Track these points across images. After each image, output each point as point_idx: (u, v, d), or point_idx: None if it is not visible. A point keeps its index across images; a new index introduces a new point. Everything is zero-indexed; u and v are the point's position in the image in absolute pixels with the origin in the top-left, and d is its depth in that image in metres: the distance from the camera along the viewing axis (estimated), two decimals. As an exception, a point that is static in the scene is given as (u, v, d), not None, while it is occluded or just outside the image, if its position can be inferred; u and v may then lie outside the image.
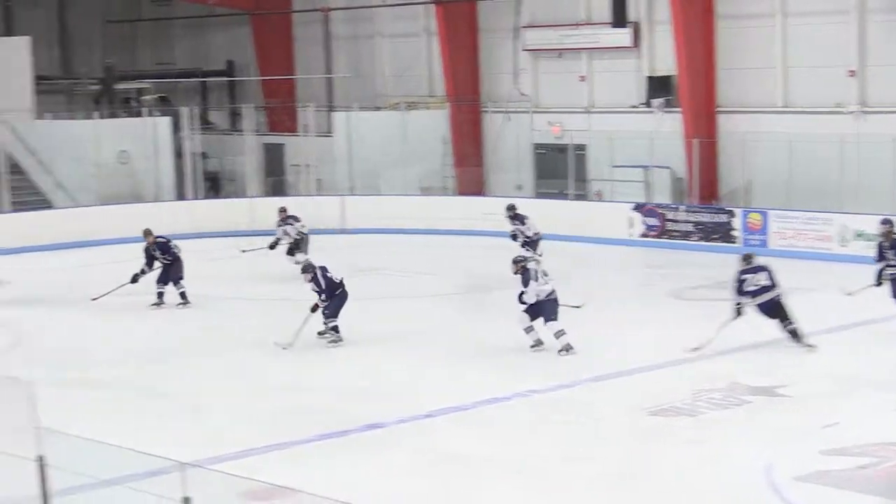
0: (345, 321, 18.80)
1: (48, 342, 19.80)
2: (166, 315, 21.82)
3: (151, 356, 18.44)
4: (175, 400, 16.01)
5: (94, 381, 16.94)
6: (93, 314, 21.88)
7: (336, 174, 34.14)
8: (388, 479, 12.32)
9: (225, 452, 12.91)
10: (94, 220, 31.07)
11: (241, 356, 18.20)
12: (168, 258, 22.45)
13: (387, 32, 36.74)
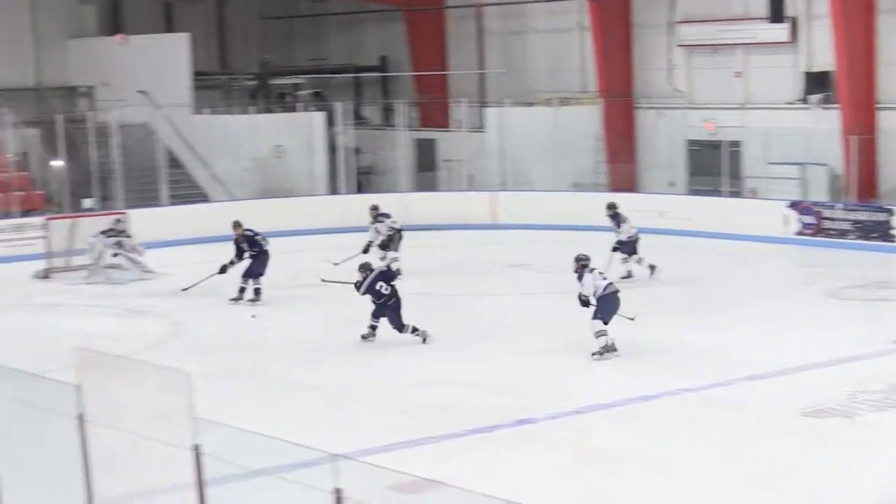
0: (492, 314, 18.78)
1: (204, 333, 20.18)
2: (316, 308, 22.06)
3: (303, 348, 18.66)
4: (324, 392, 16.18)
5: (247, 373, 17.21)
6: (242, 306, 22.21)
7: (487, 170, 34.15)
8: (536, 475, 12.28)
9: (373, 445, 13.00)
10: (249, 213, 31.52)
11: (390, 350, 18.31)
12: (254, 251, 22.67)
13: (540, 28, 36.64)
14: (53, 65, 37.36)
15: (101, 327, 20.65)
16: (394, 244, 24.99)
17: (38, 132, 33.95)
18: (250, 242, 22.83)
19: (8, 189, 31.07)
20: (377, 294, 18.56)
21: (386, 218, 25.26)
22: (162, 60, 35.74)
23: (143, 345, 18.47)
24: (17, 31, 36.74)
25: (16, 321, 21.68)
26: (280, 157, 34.30)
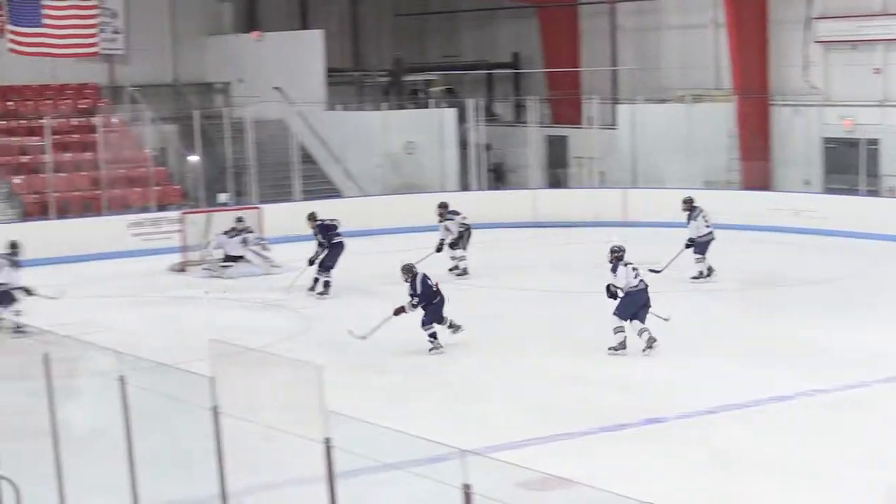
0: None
1: (335, 327, 20.34)
2: (450, 303, 22.11)
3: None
4: (455, 388, 16.23)
5: (378, 367, 17.33)
6: (378, 301, 22.36)
7: (618, 167, 33.95)
8: (665, 474, 12.19)
9: (503, 441, 13.01)
10: (381, 209, 31.81)
11: (520, 346, 18.30)
12: (327, 242, 23.00)
13: (673, 24, 36.31)
14: (191, 62, 38.04)
15: (235, 320, 20.96)
16: (463, 242, 24.92)
17: (175, 128, 34.58)
18: (324, 233, 23.05)
19: (146, 184, 31.71)
20: (429, 294, 18.26)
21: (455, 215, 25.15)
22: (296, 57, 36.16)
23: (275, 338, 18.70)
24: (156, 29, 37.46)
25: (152, 314, 22.10)
26: (412, 154, 34.47)
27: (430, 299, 18.32)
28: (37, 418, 10.55)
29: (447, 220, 25.11)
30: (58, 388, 10.27)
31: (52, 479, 10.11)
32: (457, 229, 24.93)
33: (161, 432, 11.15)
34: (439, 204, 25.53)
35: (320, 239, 23.21)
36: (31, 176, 31.22)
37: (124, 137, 33.11)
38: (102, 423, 11.27)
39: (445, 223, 25.09)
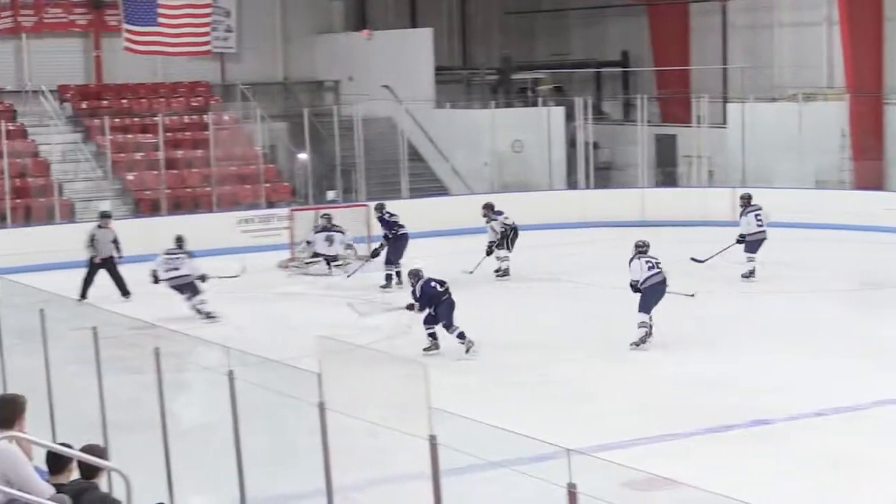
0: (733, 313, 18.46)
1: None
2: (555, 301, 22.09)
3: (540, 342, 18.70)
4: (563, 386, 16.19)
5: (484, 365, 17.35)
6: (486, 297, 22.40)
7: (728, 166, 33.61)
8: (772, 476, 12.05)
9: (609, 441, 12.95)
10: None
11: (626, 346, 18.19)
12: (389, 235, 23.36)
13: (786, 22, 35.83)
14: (301, 60, 38.38)
15: (341, 317, 21.09)
16: (507, 242, 24.71)
17: (285, 126, 34.92)
18: (387, 227, 23.29)
19: (256, 181, 32.06)
20: (432, 296, 18.17)
21: (499, 216, 24.95)
22: (405, 55, 36.32)
23: (382, 335, 18.79)
24: (267, 27, 37.87)
25: (260, 310, 22.33)
26: (519, 152, 34.45)
27: (433, 302, 18.22)
28: (147, 411, 10.71)
29: (492, 221, 24.96)
30: (167, 381, 10.42)
31: (162, 472, 10.26)
32: (500, 230, 24.76)
33: (268, 427, 11.26)
34: (484, 205, 25.41)
35: (385, 232, 23.36)
36: (143, 173, 31.73)
37: (235, 135, 33.51)
38: (211, 418, 11.41)
39: (491, 224, 24.95)
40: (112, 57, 35.08)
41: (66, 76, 34.80)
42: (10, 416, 8.41)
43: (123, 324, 14.67)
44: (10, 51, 34.42)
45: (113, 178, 31.31)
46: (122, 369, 12.85)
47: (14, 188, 29.39)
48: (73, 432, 10.68)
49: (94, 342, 11.32)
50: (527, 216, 30.20)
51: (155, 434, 10.44)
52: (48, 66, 34.51)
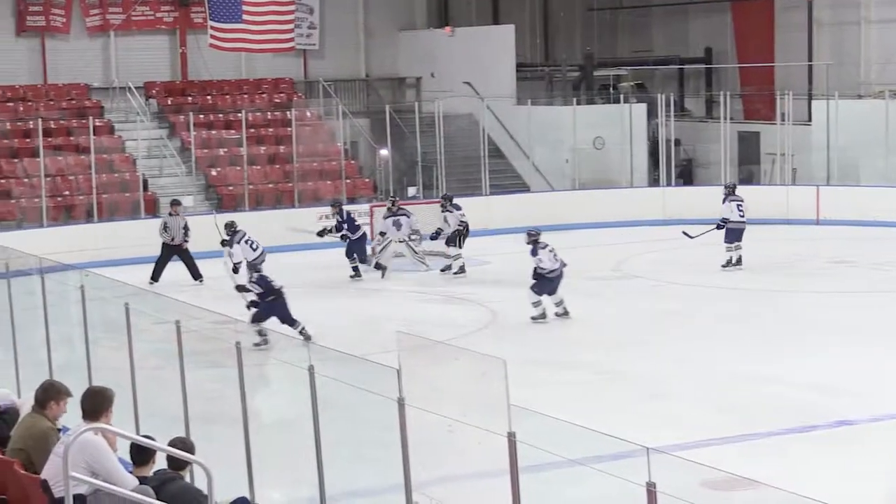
0: (814, 312, 18.27)
1: (520, 322, 20.39)
2: (634, 299, 22.00)
3: (617, 339, 18.64)
4: (640, 384, 16.12)
5: (561, 362, 17.32)
6: (564, 296, 22.34)
7: (812, 164, 33.23)
8: (855, 478, 11.91)
9: (689, 440, 12.87)
10: (568, 204, 31.74)
11: (707, 344, 18.09)
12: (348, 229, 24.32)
13: (873, 18, 35.36)
14: (383, 56, 38.52)
15: (421, 313, 21.17)
16: (460, 240, 24.93)
17: (366, 122, 35.08)
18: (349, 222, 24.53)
19: (337, 177, 32.22)
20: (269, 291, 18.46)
21: (457, 210, 25.23)
22: (487, 52, 36.32)
23: (460, 331, 18.82)
24: (349, 24, 38.04)
25: (341, 305, 22.46)
26: (600, 149, 34.32)
27: (269, 296, 18.50)
28: (228, 405, 10.80)
29: (447, 213, 25.31)
30: (249, 376, 10.50)
31: (242, 466, 10.34)
32: (455, 225, 25.06)
33: (347, 422, 11.32)
34: (444, 195, 26.56)
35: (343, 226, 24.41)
36: (226, 168, 32.02)
37: (317, 131, 33.71)
38: (291, 412, 11.49)
39: (446, 215, 25.30)
40: (197, 54, 35.43)
41: (152, 73, 35.21)
42: (97, 409, 8.54)
43: (206, 318, 14.81)
44: (98, 48, 34.88)
45: (196, 173, 31.66)
46: (204, 363, 12.98)
47: (101, 183, 29.79)
48: (156, 425, 10.82)
49: (177, 336, 11.44)
50: (607, 213, 30.18)
51: (236, 428, 10.53)
52: (135, 63, 34.94)
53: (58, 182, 29.97)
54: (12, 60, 33.88)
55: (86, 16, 34.43)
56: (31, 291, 15.94)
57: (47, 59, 34.25)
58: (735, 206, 24.66)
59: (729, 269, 24.23)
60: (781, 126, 33.99)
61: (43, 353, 14.49)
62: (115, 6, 34.70)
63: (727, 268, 24.24)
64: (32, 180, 29.49)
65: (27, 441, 9.03)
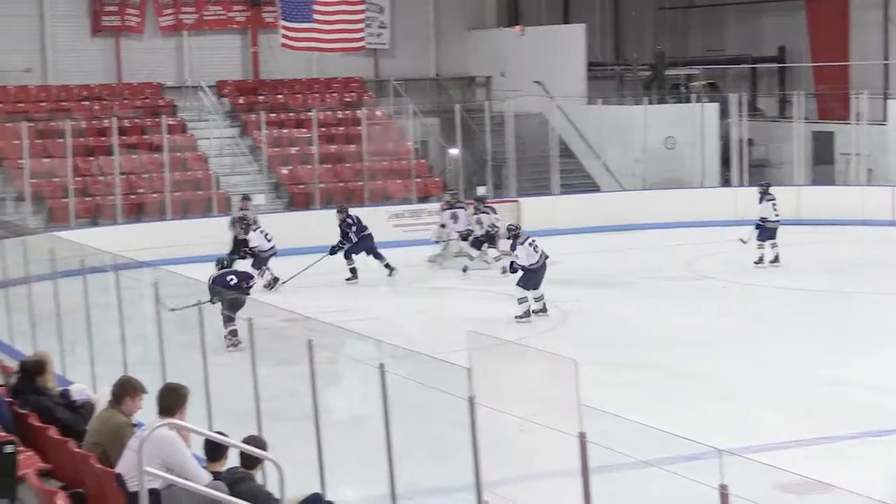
0: (891, 315, 18.08)
1: (591, 322, 20.35)
2: (708, 299, 21.87)
3: (691, 340, 18.53)
4: (713, 385, 16.02)
5: (633, 362, 17.24)
6: (634, 297, 22.28)
7: (888, 164, 32.84)
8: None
9: (761, 442, 12.77)
10: (639, 204, 31.60)
11: (780, 346, 17.94)
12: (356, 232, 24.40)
13: (950, 16, 34.93)
14: (453, 56, 38.53)
15: (491, 312, 21.15)
16: (493, 242, 25.16)
17: (437, 121, 35.12)
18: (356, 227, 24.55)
19: (407, 176, 32.30)
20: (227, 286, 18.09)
21: (491, 212, 25.44)
22: (557, 51, 36.23)
23: (530, 331, 18.80)
24: (420, 23, 38.09)
25: (410, 304, 22.50)
26: (672, 149, 34.14)
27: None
28: (299, 402, 10.87)
29: (481, 214, 25.47)
30: (320, 373, 10.55)
31: (314, 463, 10.39)
32: (486, 227, 25.30)
33: (418, 420, 11.35)
34: (478, 196, 26.78)
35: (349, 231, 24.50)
36: (297, 167, 32.19)
37: (387, 130, 33.80)
38: (362, 410, 11.54)
39: (479, 216, 25.43)
40: (269, 53, 35.64)
41: (224, 72, 35.47)
42: (172, 405, 8.64)
43: (278, 315, 14.92)
44: (171, 47, 35.20)
45: (268, 172, 31.86)
46: (276, 360, 13.05)
47: (173, 181, 30.07)
48: (228, 422, 10.91)
49: (249, 333, 11.52)
50: (677, 214, 30.01)
51: (307, 425, 10.59)
52: (207, 63, 35.22)
53: (132, 180, 30.29)
54: (88, 60, 34.27)
55: (159, 15, 34.76)
56: (105, 288, 16.14)
57: (122, 59, 34.61)
58: (771, 206, 24.93)
59: (763, 266, 24.45)
60: (856, 126, 33.64)
61: (118, 349, 14.65)
62: (188, 6, 35.00)
63: (760, 265, 24.52)
64: (107, 178, 29.84)
65: (103, 435, 9.14)
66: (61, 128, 29.72)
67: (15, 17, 33.17)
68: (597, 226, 30.00)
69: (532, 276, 20.18)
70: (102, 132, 31.03)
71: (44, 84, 33.59)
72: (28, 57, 33.51)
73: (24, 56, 33.42)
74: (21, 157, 29.14)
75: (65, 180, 29.20)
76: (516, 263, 20.29)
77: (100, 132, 31.19)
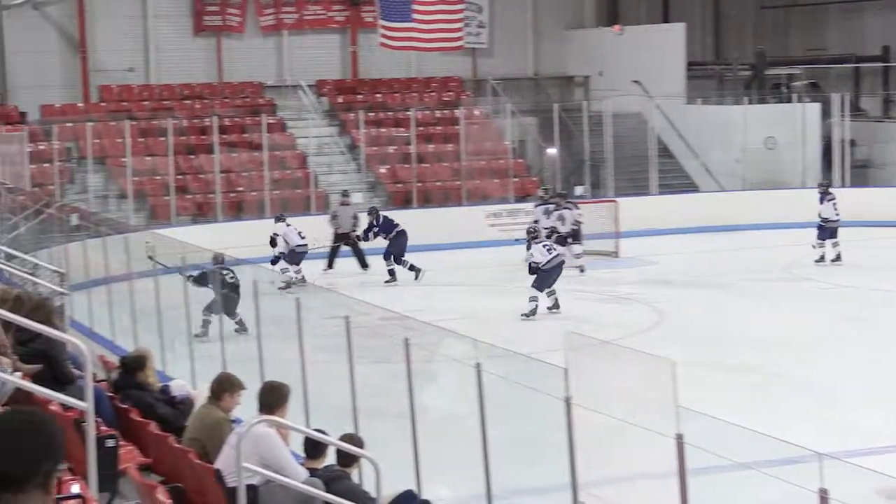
0: None
1: (688, 323, 20.19)
2: (808, 301, 21.61)
3: (791, 342, 18.32)
4: (814, 389, 15.82)
5: (731, 364, 17.08)
6: (732, 298, 22.07)
7: None
8: None
9: (863, 446, 12.58)
10: (738, 205, 31.28)
11: (877, 348, 17.67)
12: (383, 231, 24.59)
13: None
14: (551, 55, 38.45)
15: (588, 312, 21.09)
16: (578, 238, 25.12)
17: (534, 120, 35.08)
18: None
19: (505, 175, 32.29)
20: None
21: (574, 209, 25.32)
22: (656, 50, 35.99)
23: (627, 331, 18.70)
24: (518, 23, 38.07)
25: (507, 303, 22.45)
26: (772, 149, 33.77)
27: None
28: (395, 400, 10.91)
29: (563, 210, 25.34)
30: (416, 372, 10.59)
31: (409, 460, 10.43)
32: (571, 224, 25.20)
33: (514, 420, 11.34)
34: (560, 192, 26.72)
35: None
36: (395, 166, 32.33)
37: (485, 129, 33.82)
38: (457, 408, 11.55)
39: (562, 212, 25.29)
40: (367, 52, 35.83)
41: (323, 71, 35.72)
42: (273, 404, 8.73)
43: (374, 314, 15.00)
44: (271, 47, 35.52)
45: (366, 170, 32.03)
46: (372, 359, 13.13)
47: (273, 179, 30.35)
48: (324, 418, 10.99)
49: (346, 331, 11.58)
50: (778, 214, 29.66)
51: (403, 423, 10.63)
52: (307, 62, 35.49)
53: (231, 178, 30.62)
54: (190, 59, 34.70)
55: (260, 15, 35.10)
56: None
57: (223, 58, 35.00)
58: (832, 206, 25.16)
59: (824, 264, 24.65)
60: (962, 126, 33.05)
61: (216, 346, 14.82)
62: (289, 6, 35.29)
63: (821, 263, 24.76)
64: (207, 176, 30.20)
65: (202, 431, 9.24)
66: (163, 126, 30.17)
67: (119, 18, 33.70)
68: (695, 226, 29.74)
69: (546, 277, 20.69)
70: (203, 131, 31.41)
71: (146, 83, 34.08)
72: (131, 56, 34.03)
73: (127, 56, 33.94)
74: (124, 156, 29.59)
75: (166, 178, 29.62)
76: (533, 262, 20.86)
77: (201, 131, 31.57)
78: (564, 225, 25.20)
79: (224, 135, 31.09)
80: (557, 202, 25.79)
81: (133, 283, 17.83)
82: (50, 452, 3.60)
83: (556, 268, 20.86)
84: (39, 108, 31.99)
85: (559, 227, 25.19)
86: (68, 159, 29.95)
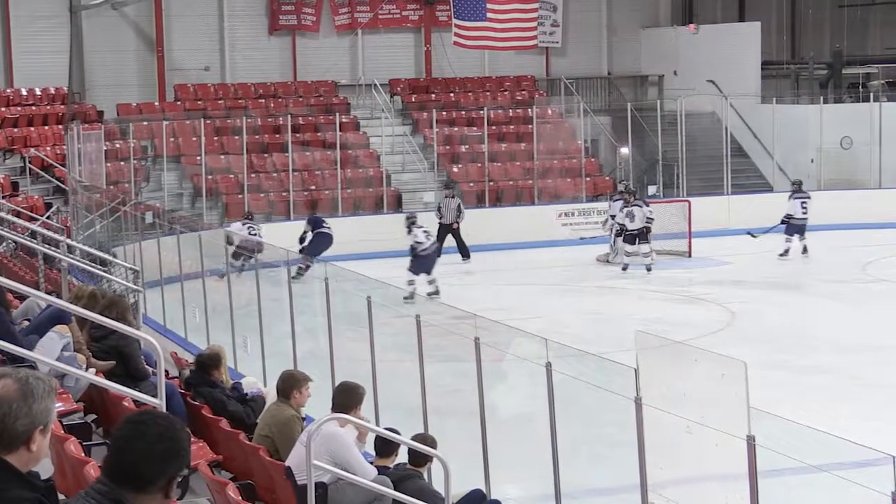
0: None
1: (759, 323, 20.02)
2: (885, 303, 21.35)
3: (865, 344, 18.11)
4: (883, 390, 15.63)
5: (803, 365, 16.92)
6: (806, 298, 21.87)
7: None
8: None
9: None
10: (813, 205, 30.94)
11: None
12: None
13: None
14: (625, 54, 38.31)
15: (659, 312, 20.98)
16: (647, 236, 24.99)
17: (608, 120, 34.95)
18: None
19: (577, 175, 32.21)
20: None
21: (645, 206, 25.21)
22: (731, 49, 35.75)
23: (699, 331, 18.58)
24: (592, 22, 37.97)
25: (578, 303, 22.43)
26: (848, 149, 33.41)
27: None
28: (465, 399, 10.92)
29: (634, 207, 25.22)
30: (486, 370, 10.59)
31: (478, 459, 10.44)
32: (643, 221, 25.09)
33: (583, 420, 11.31)
34: (631, 190, 26.67)
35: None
36: (468, 165, 32.34)
37: (558, 129, 33.76)
38: (527, 408, 11.54)
39: (632, 209, 25.18)
40: (441, 51, 35.89)
41: (397, 70, 35.83)
42: (348, 404, 8.79)
43: (445, 313, 15.01)
44: (345, 46, 35.68)
45: (439, 169, 32.07)
46: (442, 357, 13.14)
47: (346, 178, 30.48)
48: (395, 416, 11.03)
49: (417, 330, 11.60)
50: (853, 215, 29.34)
51: (472, 422, 10.63)
52: (381, 61, 35.62)
53: (305, 177, 30.77)
54: (265, 58, 34.95)
55: (335, 15, 35.27)
56: (277, 283, 16.44)
57: (297, 57, 35.21)
58: (799, 204, 25.92)
59: (787, 258, 25.57)
60: None
61: (288, 343, 14.90)
62: (363, 5, 35.43)
63: (784, 257, 25.61)
64: (281, 175, 30.38)
65: (272, 428, 9.30)
66: (237, 125, 30.39)
67: (195, 17, 34.00)
68: (769, 226, 29.47)
69: (422, 262, 21.84)
70: (277, 129, 31.60)
71: (221, 82, 34.36)
72: (207, 55, 34.32)
73: (203, 55, 34.24)
74: (198, 154, 29.85)
75: (240, 176, 29.84)
76: (416, 242, 22.05)
77: (274, 129, 31.76)
78: (634, 222, 25.05)
79: (297, 133, 31.27)
80: (626, 199, 25.64)
81: (206, 281, 17.97)
82: (178, 458, 3.70)
83: (434, 254, 22.14)
84: (116, 106, 32.36)
85: (628, 225, 25.06)
86: (144, 157, 30.25)
